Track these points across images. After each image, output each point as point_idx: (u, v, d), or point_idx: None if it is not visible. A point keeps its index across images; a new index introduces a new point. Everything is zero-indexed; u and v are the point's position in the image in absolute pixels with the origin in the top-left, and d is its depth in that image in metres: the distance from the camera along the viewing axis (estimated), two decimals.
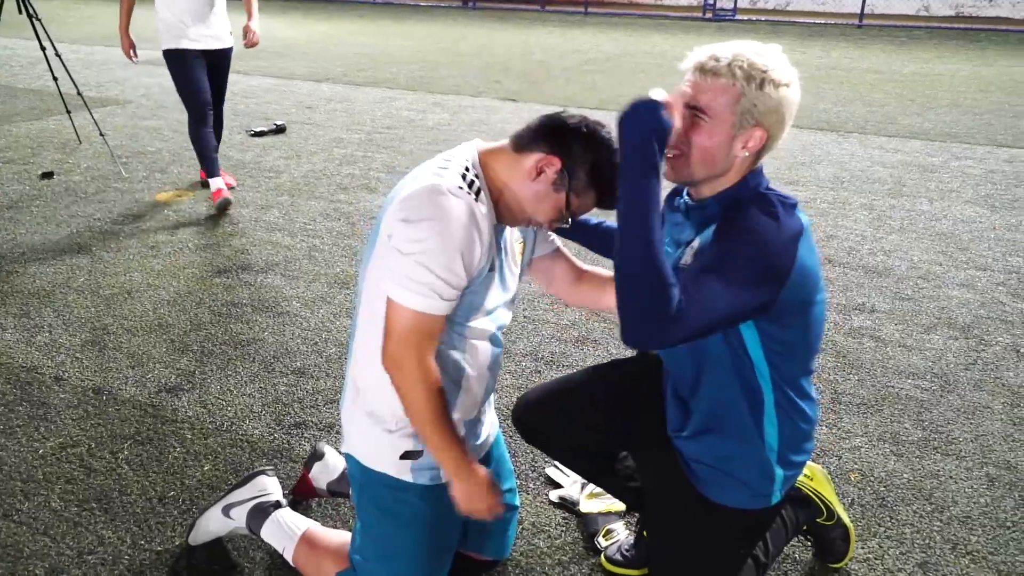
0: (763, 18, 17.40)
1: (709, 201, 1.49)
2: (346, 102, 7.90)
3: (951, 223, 4.61)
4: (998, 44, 13.33)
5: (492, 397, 1.86)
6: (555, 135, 1.50)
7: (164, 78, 9.13)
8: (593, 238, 1.90)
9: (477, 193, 1.47)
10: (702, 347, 1.51)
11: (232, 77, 9.09)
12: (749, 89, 1.37)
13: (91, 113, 5.77)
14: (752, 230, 1.38)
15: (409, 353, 1.46)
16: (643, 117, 1.31)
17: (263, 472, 2.04)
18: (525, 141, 1.52)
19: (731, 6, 17.96)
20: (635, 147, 1.31)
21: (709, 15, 18.04)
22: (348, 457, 1.72)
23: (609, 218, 1.75)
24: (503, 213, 1.55)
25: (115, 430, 2.54)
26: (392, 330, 1.47)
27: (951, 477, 2.41)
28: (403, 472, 1.64)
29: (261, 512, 1.94)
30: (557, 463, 2.39)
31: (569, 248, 1.92)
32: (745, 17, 17.55)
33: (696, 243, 1.49)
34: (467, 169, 1.51)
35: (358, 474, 1.70)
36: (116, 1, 5.19)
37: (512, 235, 1.68)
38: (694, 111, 1.41)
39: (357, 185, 5.17)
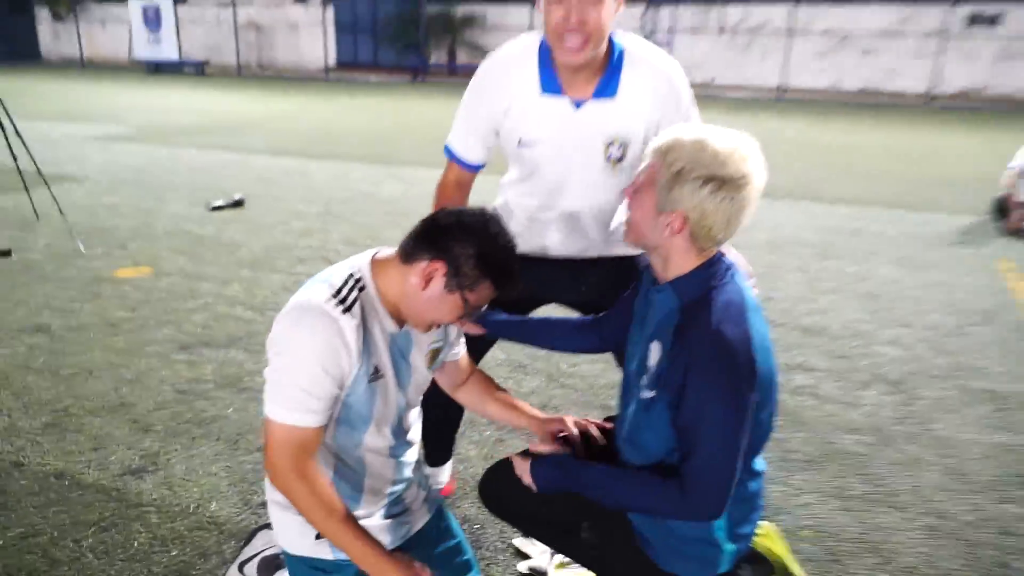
0: (694, 91, 18.04)
1: (667, 287, 1.52)
2: (304, 175, 7.90)
3: (876, 283, 4.78)
4: (902, 116, 14.07)
5: (422, 477, 1.84)
6: (433, 239, 1.48)
7: (121, 154, 9.08)
8: (520, 334, 1.92)
9: (349, 307, 1.46)
10: (643, 442, 1.54)
11: (190, 151, 9.07)
12: (669, 176, 1.41)
13: (50, 190, 5.65)
14: (714, 371, 1.38)
15: (285, 465, 1.45)
16: (539, 475, 1.59)
17: (267, 526, 2.00)
18: (409, 251, 1.50)
19: None
20: (555, 482, 1.57)
21: None
22: (283, 551, 1.70)
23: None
24: (409, 319, 1.56)
25: (78, 516, 2.43)
26: (267, 444, 1.47)
27: (895, 529, 2.45)
28: (322, 552, 1.61)
29: (270, 564, 1.91)
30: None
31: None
32: None
33: (657, 351, 1.50)
34: (348, 282, 1.50)
35: (286, 562, 1.68)
36: (75, 79, 5.10)
37: (424, 339, 1.66)
38: (639, 184, 1.49)
39: (316, 257, 5.14)
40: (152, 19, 22.27)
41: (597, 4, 1.73)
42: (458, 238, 1.46)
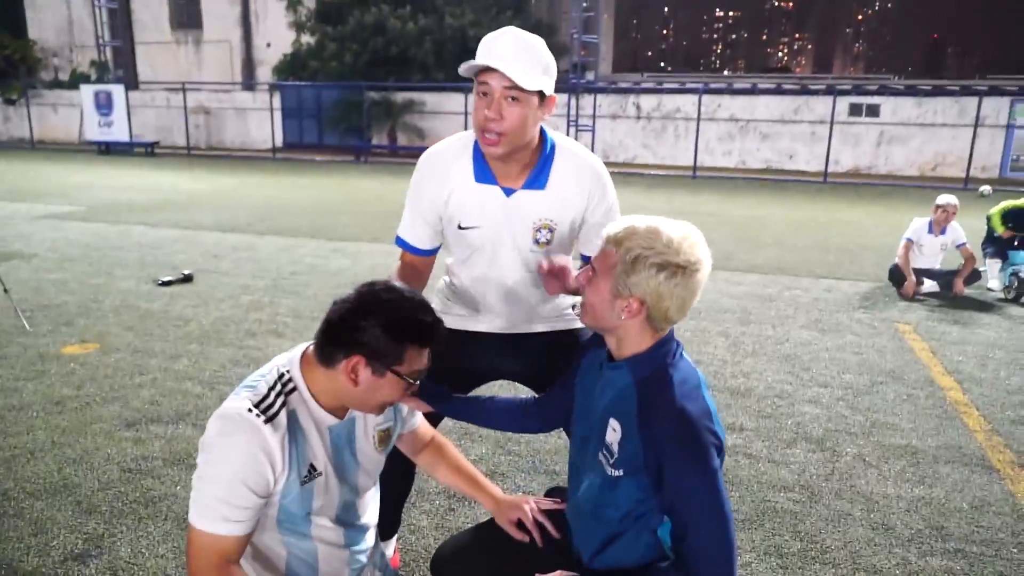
0: (615, 170, 18.54)
1: (622, 364, 1.48)
2: (251, 250, 7.71)
3: (792, 346, 4.87)
4: (801, 192, 14.74)
5: (378, 557, 1.74)
6: (339, 337, 1.39)
7: (70, 231, 8.71)
8: (464, 413, 1.85)
9: (273, 416, 1.38)
10: (607, 517, 1.48)
11: (139, 228, 8.77)
12: (624, 260, 1.40)
13: None
14: (688, 449, 1.35)
15: (205, 573, 1.35)
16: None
17: None
18: (325, 357, 1.42)
19: None
20: None
21: None
22: None
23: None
24: (361, 410, 1.49)
25: None
26: (191, 551, 1.37)
27: None
28: None
29: None
30: None
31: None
32: None
33: (618, 429, 1.45)
34: (275, 387, 1.42)
35: None
36: (24, 159, 4.89)
37: (370, 423, 1.58)
38: (592, 269, 1.47)
39: (265, 331, 4.96)
40: (104, 103, 21.86)
41: (514, 104, 1.76)
42: (358, 325, 1.37)
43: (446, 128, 21.95)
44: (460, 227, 1.99)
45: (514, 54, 1.73)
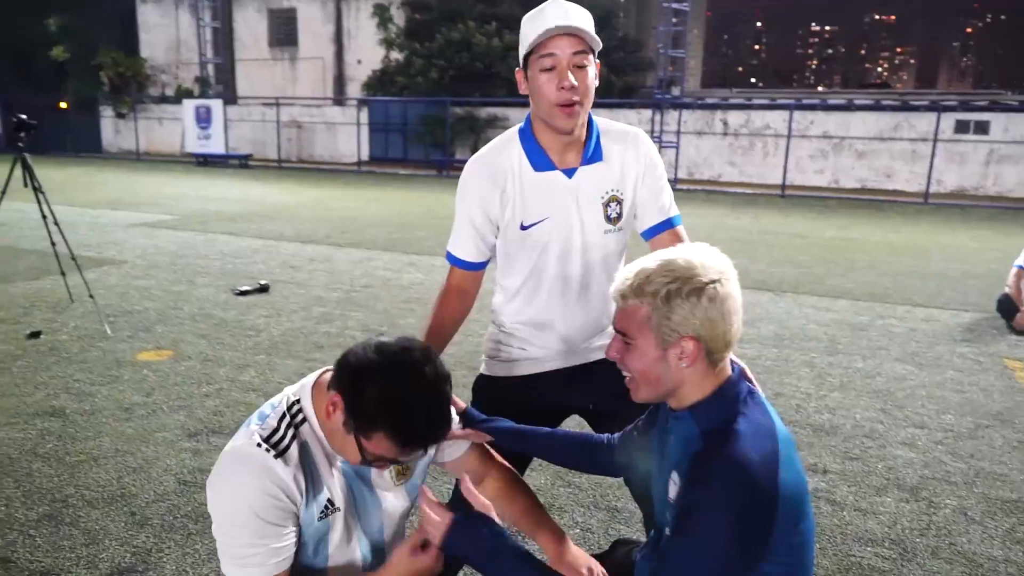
0: (700, 188, 18.13)
1: (686, 414, 1.30)
2: (328, 262, 7.81)
3: (885, 380, 4.50)
4: (900, 213, 13.93)
5: None
6: (343, 372, 1.27)
7: (160, 239, 9.08)
8: (532, 447, 1.69)
9: (283, 451, 1.28)
10: None
11: (224, 238, 9.06)
12: (657, 305, 1.24)
13: (82, 274, 5.56)
14: (725, 502, 1.17)
15: None
16: (455, 541, 1.27)
17: None
18: (332, 378, 1.31)
19: (672, 176, 18.74)
20: (463, 548, 1.27)
21: None
22: None
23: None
24: (329, 441, 1.36)
25: None
26: None
27: None
28: None
29: None
30: None
31: None
32: (685, 187, 18.27)
33: (676, 482, 1.29)
34: (284, 419, 1.32)
35: None
36: (129, 169, 5.08)
37: None
38: (623, 336, 1.31)
39: (332, 344, 4.96)
40: (203, 117, 23.00)
41: (583, 70, 1.73)
42: (361, 376, 1.24)
43: None
44: (523, 226, 1.87)
45: (575, 16, 1.70)
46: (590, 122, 1.87)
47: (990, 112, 18.03)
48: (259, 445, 1.28)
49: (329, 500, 1.35)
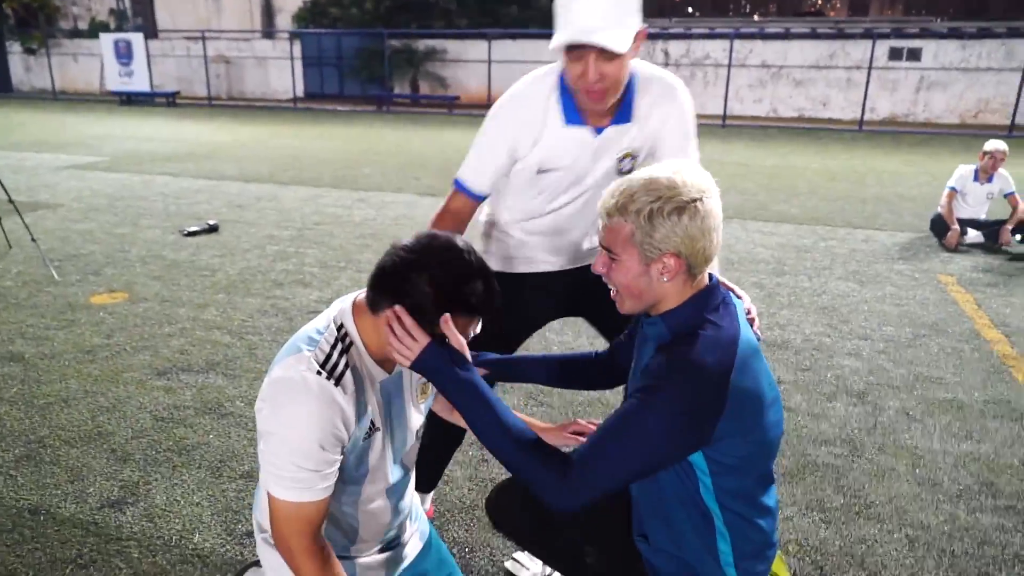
0: None
1: (658, 320, 1.40)
2: (275, 200, 7.66)
3: (830, 297, 4.76)
4: (836, 140, 14.34)
5: (414, 509, 1.71)
6: (389, 285, 1.31)
7: (93, 181, 8.71)
8: (524, 373, 1.79)
9: (340, 376, 1.32)
10: (654, 496, 1.43)
11: (163, 179, 8.77)
12: (640, 223, 1.31)
13: (21, 217, 5.35)
14: (671, 388, 1.27)
15: (295, 544, 1.32)
16: (425, 359, 1.31)
17: (256, 563, 1.81)
18: (373, 302, 1.35)
19: None
20: (435, 371, 1.32)
21: None
22: None
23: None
24: (399, 364, 1.40)
25: (55, 554, 2.21)
26: (275, 518, 1.33)
27: (876, 541, 2.36)
28: None
29: None
30: (516, 556, 2.22)
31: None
32: None
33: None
34: (336, 346, 1.35)
35: None
36: (47, 110, 4.84)
37: (413, 378, 1.52)
38: (609, 252, 1.37)
39: (292, 281, 4.93)
40: (123, 53, 21.73)
41: (612, 59, 1.71)
42: (409, 277, 1.29)
43: (469, 77, 21.58)
44: (539, 170, 1.94)
45: (602, 14, 1.65)
46: (630, 78, 1.85)
47: (922, 39, 18.48)
48: (319, 372, 1.29)
49: (372, 422, 1.40)
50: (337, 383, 1.31)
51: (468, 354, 1.38)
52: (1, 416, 3.05)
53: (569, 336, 4.03)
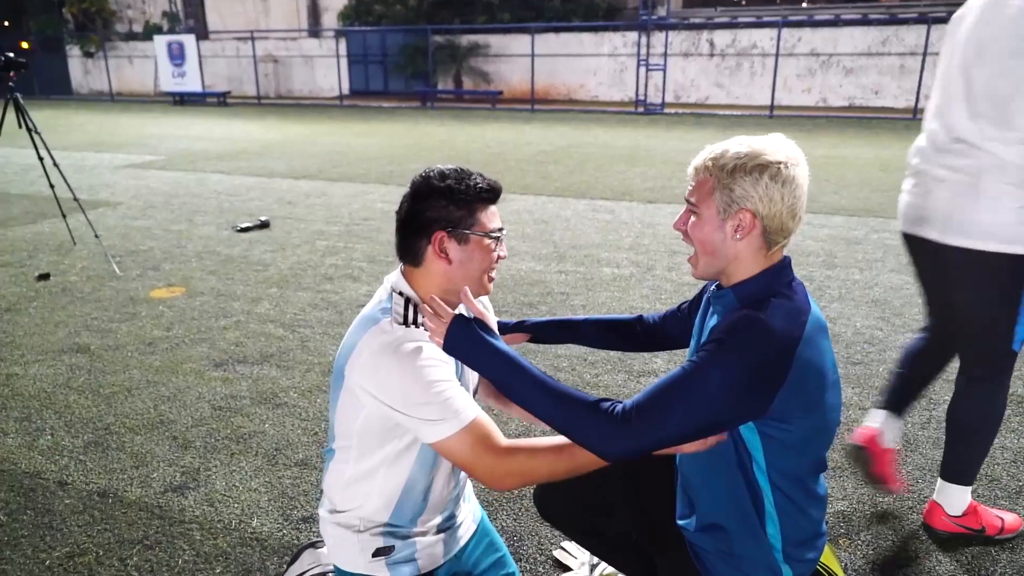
0: (687, 111, 18.00)
1: (728, 292, 1.40)
2: (324, 196, 7.82)
3: (882, 290, 4.66)
4: (888, 130, 13.96)
5: (467, 490, 1.75)
6: (414, 229, 1.46)
7: (150, 180, 9.00)
8: (566, 334, 1.83)
9: (419, 326, 1.45)
10: (708, 467, 1.43)
11: (215, 176, 9.00)
12: (722, 177, 1.32)
13: (86, 215, 5.57)
14: (739, 345, 1.26)
15: (491, 462, 1.36)
16: (453, 333, 1.37)
17: (312, 545, 1.89)
18: (413, 257, 1.47)
19: (659, 101, 18.56)
20: (461, 343, 1.36)
21: (641, 109, 18.60)
22: (335, 568, 1.61)
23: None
24: (469, 288, 1.46)
25: (123, 535, 2.32)
26: (464, 462, 1.37)
27: (928, 539, 2.32)
28: (379, 570, 1.54)
29: None
30: (564, 546, 2.25)
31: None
32: (672, 111, 18.13)
33: None
34: (408, 307, 1.46)
35: None
36: (104, 111, 5.03)
37: None
38: (691, 208, 1.39)
39: (341, 275, 5.04)
40: (176, 54, 22.35)
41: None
42: (424, 207, 1.44)
43: (512, 71, 21.61)
44: None
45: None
46: None
47: None
48: (408, 330, 1.41)
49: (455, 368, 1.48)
50: (419, 327, 1.43)
51: (493, 322, 1.42)
52: (71, 404, 3.20)
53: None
